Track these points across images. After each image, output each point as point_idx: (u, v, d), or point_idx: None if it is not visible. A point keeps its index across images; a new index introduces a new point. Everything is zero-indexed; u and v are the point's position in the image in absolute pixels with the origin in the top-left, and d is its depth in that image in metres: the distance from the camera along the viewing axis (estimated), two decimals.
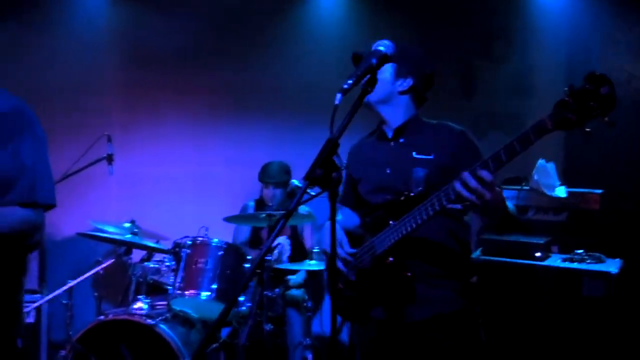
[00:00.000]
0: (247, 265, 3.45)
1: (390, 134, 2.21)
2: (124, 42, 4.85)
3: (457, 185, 1.77)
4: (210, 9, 4.83)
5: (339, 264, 2.23)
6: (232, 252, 3.44)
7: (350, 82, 1.68)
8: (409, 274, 2.04)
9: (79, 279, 3.64)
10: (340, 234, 2.24)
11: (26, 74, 4.36)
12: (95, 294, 3.89)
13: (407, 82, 2.17)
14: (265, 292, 3.47)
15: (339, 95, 1.64)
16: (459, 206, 2.04)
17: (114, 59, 4.86)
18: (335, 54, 4.67)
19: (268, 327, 3.43)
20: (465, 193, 1.76)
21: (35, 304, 3.75)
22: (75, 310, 3.76)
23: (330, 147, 1.56)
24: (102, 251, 4.28)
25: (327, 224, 2.32)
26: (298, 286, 4.03)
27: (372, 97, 2.08)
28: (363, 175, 2.27)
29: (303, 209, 4.03)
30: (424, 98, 2.24)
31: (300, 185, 3.95)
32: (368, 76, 1.72)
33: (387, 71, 2.13)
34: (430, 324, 2.08)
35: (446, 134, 2.15)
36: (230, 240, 4.21)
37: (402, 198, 2.04)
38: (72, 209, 4.33)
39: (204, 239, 3.45)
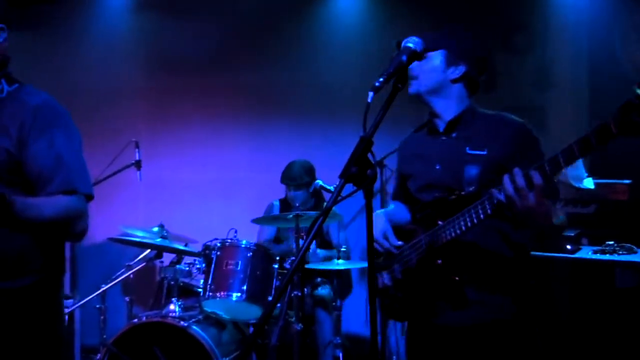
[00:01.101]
0: (276, 266, 3.48)
1: (442, 127, 2.07)
2: (149, 48, 4.92)
3: (505, 180, 1.68)
4: (231, 13, 4.88)
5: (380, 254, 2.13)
6: (261, 253, 3.47)
7: (381, 79, 1.66)
8: (457, 278, 1.92)
9: (112, 283, 3.69)
10: (385, 225, 2.11)
11: (52, 81, 4.42)
12: (126, 298, 3.94)
13: (460, 70, 2.02)
14: (294, 292, 3.49)
15: (370, 94, 1.63)
16: None
17: (138, 65, 4.93)
18: (356, 53, 4.70)
19: (298, 327, 3.45)
20: (510, 191, 1.67)
21: (69, 309, 3.82)
22: (107, 315, 3.83)
23: (365, 145, 1.57)
24: (131, 255, 4.35)
25: (375, 213, 2.14)
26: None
27: (422, 87, 2.02)
28: (412, 171, 2.16)
29: None
30: (478, 85, 2.08)
31: (324, 185, 3.98)
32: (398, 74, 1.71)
33: (436, 58, 2.01)
34: (479, 330, 1.96)
35: (502, 126, 2.00)
36: (255, 239, 4.25)
37: (452, 197, 1.93)
38: (102, 214, 4.40)
39: (233, 240, 3.48)
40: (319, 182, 4.03)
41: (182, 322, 3.29)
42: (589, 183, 3.45)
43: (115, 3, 4.98)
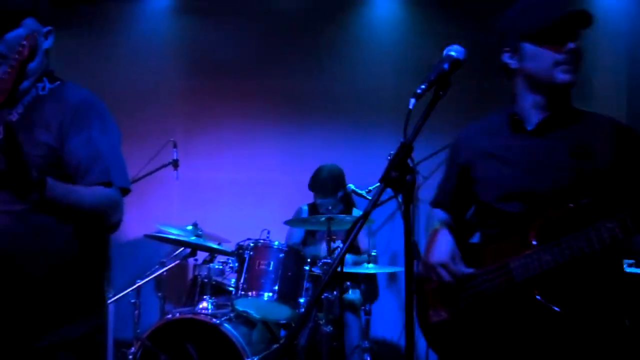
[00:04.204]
0: (307, 268, 3.51)
1: (534, 124, 1.86)
2: (187, 52, 5.03)
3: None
4: (269, 19, 4.95)
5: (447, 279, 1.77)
6: (293, 255, 3.50)
7: (423, 87, 1.68)
8: (559, 310, 1.60)
9: (147, 279, 3.76)
10: (454, 247, 1.82)
11: (92, 82, 4.48)
12: (159, 294, 4.01)
13: None
14: (324, 295, 3.51)
15: (412, 100, 1.65)
16: None
17: (177, 66, 5.04)
18: (391, 59, 4.72)
19: (327, 329, 3.47)
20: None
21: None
22: (141, 310, 3.91)
23: (405, 150, 1.59)
24: (165, 253, 4.43)
25: (440, 231, 1.89)
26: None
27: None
28: (486, 174, 1.89)
29: (357, 212, 4.07)
30: None
31: (356, 189, 4.01)
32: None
33: None
34: None
35: (605, 127, 1.82)
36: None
37: (561, 211, 1.67)
38: (138, 211, 4.50)
39: (266, 241, 3.52)
40: (351, 186, 4.06)
41: (214, 320, 3.34)
42: None
43: (156, 5, 5.09)
